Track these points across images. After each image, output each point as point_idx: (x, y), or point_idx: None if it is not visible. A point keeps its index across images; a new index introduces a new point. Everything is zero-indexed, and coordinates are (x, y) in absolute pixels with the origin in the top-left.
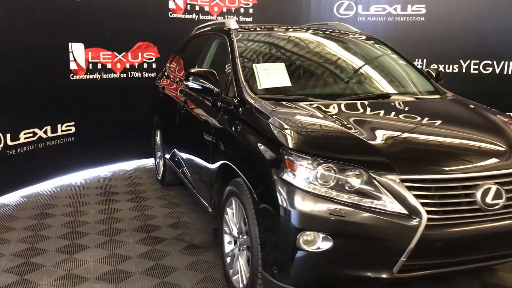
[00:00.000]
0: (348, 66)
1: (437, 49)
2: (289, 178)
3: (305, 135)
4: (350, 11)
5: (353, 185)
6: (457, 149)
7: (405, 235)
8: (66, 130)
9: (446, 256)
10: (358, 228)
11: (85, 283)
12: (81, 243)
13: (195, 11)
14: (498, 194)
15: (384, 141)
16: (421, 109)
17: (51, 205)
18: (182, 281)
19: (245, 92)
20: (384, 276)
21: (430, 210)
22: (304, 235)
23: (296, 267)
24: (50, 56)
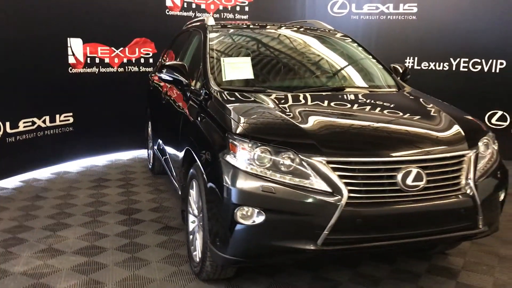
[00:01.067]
0: (312, 61)
1: (428, 47)
2: (231, 159)
3: (248, 121)
4: (343, 9)
5: (286, 166)
6: (385, 135)
7: (328, 211)
8: (65, 120)
9: (367, 232)
10: (287, 203)
11: (62, 256)
12: (66, 222)
13: (191, 9)
14: (419, 177)
15: (317, 127)
16: (368, 100)
17: (45, 189)
18: (150, 256)
19: (210, 83)
20: (310, 247)
21: (352, 189)
22: (241, 210)
23: (235, 239)
24: (50, 50)
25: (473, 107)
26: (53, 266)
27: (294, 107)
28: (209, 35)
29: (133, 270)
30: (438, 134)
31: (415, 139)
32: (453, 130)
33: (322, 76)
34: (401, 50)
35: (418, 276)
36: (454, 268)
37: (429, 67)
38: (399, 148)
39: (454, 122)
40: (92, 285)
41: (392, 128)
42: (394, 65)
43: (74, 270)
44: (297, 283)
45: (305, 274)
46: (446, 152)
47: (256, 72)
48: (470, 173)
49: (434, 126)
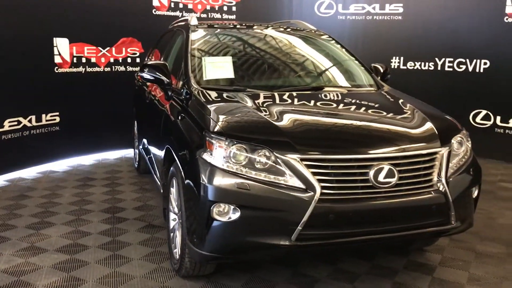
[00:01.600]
0: (293, 60)
1: (413, 47)
2: (207, 157)
3: (225, 120)
4: (330, 9)
5: (262, 163)
6: (359, 132)
7: (301, 207)
8: (51, 120)
9: (340, 228)
10: (261, 200)
11: (44, 254)
12: (49, 221)
13: (179, 9)
14: (391, 173)
15: (293, 125)
16: (345, 99)
17: (31, 188)
18: (132, 254)
19: (190, 82)
20: (284, 243)
21: (325, 186)
22: (217, 207)
23: (212, 236)
24: (36, 50)
25: (458, 106)
26: (34, 264)
27: (271, 106)
28: (191, 35)
29: (114, 267)
30: (411, 131)
31: (388, 136)
32: (426, 128)
33: (302, 75)
34: (387, 50)
35: (396, 272)
36: (431, 264)
37: (414, 66)
38: (372, 146)
39: (428, 120)
40: (72, 282)
41: (366, 126)
42: (374, 64)
43: (55, 268)
44: (275, 279)
45: (284, 270)
46: (418, 149)
47: (237, 71)
48: (442, 170)
49: (407, 124)
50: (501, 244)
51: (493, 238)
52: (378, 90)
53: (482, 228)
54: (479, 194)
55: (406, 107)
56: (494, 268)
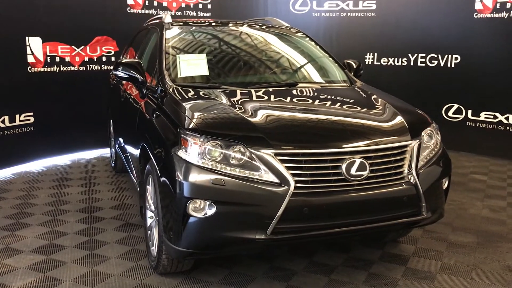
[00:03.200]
0: (267, 57)
1: (387, 43)
2: (183, 154)
3: (200, 117)
4: (305, 7)
5: (237, 159)
6: (331, 127)
7: (276, 201)
8: (25, 120)
9: (314, 220)
10: (236, 195)
11: (19, 255)
12: (25, 222)
13: (153, 7)
14: (362, 166)
15: (267, 121)
16: (318, 94)
17: (5, 190)
18: (109, 253)
19: (165, 80)
20: (260, 237)
21: (299, 180)
22: (193, 203)
23: (188, 232)
24: (7, 49)
25: (431, 100)
26: (9, 265)
27: (245, 102)
28: (165, 33)
29: (92, 266)
30: (382, 125)
31: (360, 130)
32: (397, 122)
33: (276, 72)
34: (361, 46)
35: (371, 264)
36: (404, 254)
37: (388, 62)
38: (344, 139)
39: (399, 114)
40: (49, 282)
41: (338, 120)
42: (347, 60)
43: (31, 269)
44: (253, 274)
45: (262, 264)
46: (389, 142)
47: (212, 68)
48: (412, 163)
49: (379, 118)
50: (472, 234)
51: (464, 228)
52: (351, 85)
53: (454, 218)
54: (449, 185)
55: (377, 102)
56: (465, 257)
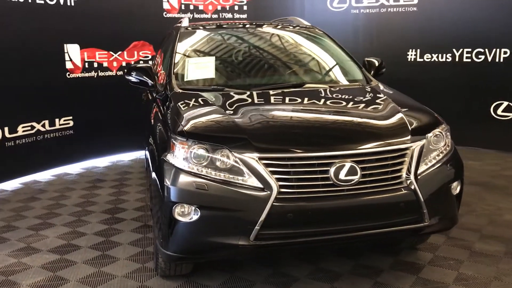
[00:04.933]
0: (278, 58)
1: (430, 39)
2: (171, 158)
3: (189, 121)
4: (343, 4)
5: (223, 163)
6: (322, 130)
7: (258, 206)
8: (64, 124)
9: (300, 227)
10: (219, 200)
11: (36, 254)
12: (51, 222)
13: (189, 10)
14: (353, 171)
15: (256, 125)
16: (320, 96)
17: (42, 191)
18: (120, 254)
19: (171, 83)
20: (243, 243)
21: (283, 184)
22: (179, 207)
23: (175, 236)
24: (46, 56)
25: (478, 98)
26: (25, 264)
27: (242, 105)
28: (179, 36)
29: (100, 267)
30: (379, 127)
31: (353, 133)
32: (398, 123)
33: (284, 73)
34: (403, 43)
35: (380, 272)
36: (419, 263)
37: (431, 59)
38: (333, 143)
39: (402, 115)
40: (55, 281)
41: (331, 123)
42: (368, 59)
43: (43, 268)
44: (254, 279)
45: (264, 269)
46: (384, 146)
47: (219, 71)
48: (411, 167)
49: (378, 119)
50: (501, 242)
51: (495, 236)
52: (364, 85)
53: (486, 225)
54: (462, 190)
55: (383, 102)
56: (487, 268)
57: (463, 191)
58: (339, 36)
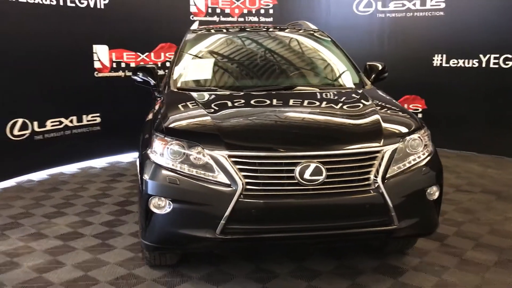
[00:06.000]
0: (275, 61)
1: (456, 44)
2: (150, 154)
3: (169, 119)
4: (369, 8)
5: (197, 159)
6: (293, 131)
7: (224, 201)
8: (92, 120)
9: (264, 223)
10: (189, 194)
11: (43, 239)
12: (64, 211)
13: (216, 14)
14: (318, 171)
15: (230, 124)
16: (304, 98)
17: (65, 182)
18: (118, 243)
19: (169, 84)
20: (210, 236)
21: (249, 181)
22: (154, 200)
23: (151, 227)
24: (76, 56)
25: (506, 105)
26: (31, 247)
27: (224, 106)
28: (185, 39)
29: (96, 254)
30: (350, 131)
31: (321, 136)
32: (371, 128)
33: (279, 76)
34: (428, 48)
35: (360, 273)
36: (403, 267)
37: (458, 64)
38: (301, 144)
39: (379, 120)
40: (53, 264)
41: (303, 125)
42: (370, 63)
43: (46, 252)
44: (236, 273)
45: (248, 265)
46: (351, 148)
47: (216, 73)
48: (380, 169)
49: (351, 124)
50: (495, 252)
51: (490, 245)
52: (354, 89)
53: (485, 233)
54: (441, 196)
55: (365, 107)
56: (471, 276)
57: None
58: (364, 40)
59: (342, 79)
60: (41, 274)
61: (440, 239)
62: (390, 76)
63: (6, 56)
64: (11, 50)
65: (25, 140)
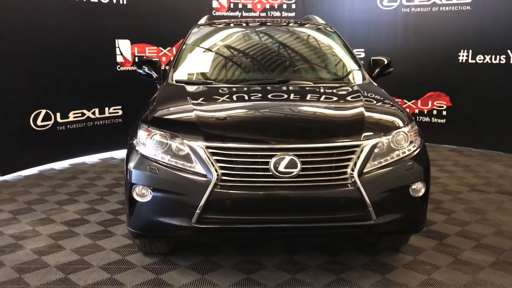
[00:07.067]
0: (273, 55)
1: (483, 39)
2: (135, 144)
3: (155, 110)
4: (393, 2)
5: (177, 150)
6: (270, 124)
7: (199, 191)
8: (114, 113)
9: (239, 214)
10: (167, 183)
11: (50, 224)
12: (76, 199)
13: (238, 9)
14: (292, 164)
15: (211, 117)
16: (293, 92)
17: (84, 171)
18: (118, 231)
19: (169, 76)
20: (186, 224)
21: (224, 172)
22: (136, 188)
23: (134, 215)
24: (99, 51)
25: None
26: (37, 231)
27: (212, 99)
28: (190, 33)
29: (95, 240)
30: (329, 125)
31: (299, 129)
32: (352, 122)
33: (275, 69)
34: (454, 43)
35: (348, 269)
36: (393, 264)
37: (484, 60)
38: (277, 137)
39: (362, 115)
40: (53, 248)
41: (284, 118)
42: (375, 58)
43: (49, 236)
44: (224, 263)
45: (238, 256)
46: (327, 142)
47: (213, 66)
48: (357, 164)
49: (333, 118)
50: (494, 253)
51: (491, 246)
52: (349, 84)
53: (489, 235)
54: (427, 193)
55: (354, 101)
56: (463, 276)
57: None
58: (389, 36)
59: (340, 73)
60: (40, 257)
61: (440, 238)
62: (414, 72)
63: (33, 50)
64: (37, 44)
65: (48, 131)
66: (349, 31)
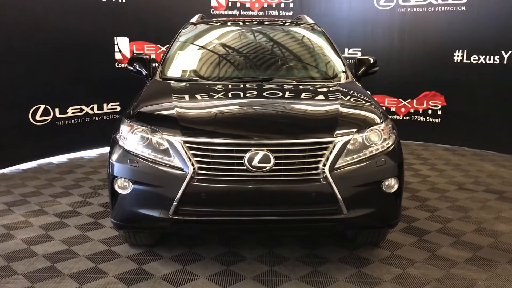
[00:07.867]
0: (258, 54)
1: (478, 40)
2: (117, 137)
3: (138, 106)
4: (390, 2)
5: (157, 144)
6: (246, 120)
7: (175, 184)
8: (112, 109)
9: (214, 206)
10: (146, 176)
11: (43, 216)
12: (71, 192)
13: (236, 8)
14: (266, 159)
15: (190, 113)
16: (272, 90)
17: (81, 166)
18: (109, 223)
19: (156, 73)
20: (163, 216)
21: (201, 166)
22: (118, 181)
23: (116, 206)
24: (97, 48)
25: None
26: (29, 222)
27: (193, 96)
28: (180, 31)
29: (85, 231)
30: (303, 122)
31: (273, 125)
32: (326, 119)
33: (259, 67)
34: (449, 43)
35: (325, 262)
36: (370, 258)
37: (479, 60)
38: (252, 133)
39: (337, 112)
40: (43, 238)
41: (259, 114)
42: (360, 57)
43: (40, 227)
44: (205, 255)
45: (220, 248)
46: (300, 138)
47: (199, 64)
48: (329, 160)
49: (308, 115)
50: (471, 250)
51: (469, 243)
52: (330, 82)
53: (469, 232)
54: (401, 189)
55: (331, 99)
56: (436, 271)
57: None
58: (385, 35)
59: (323, 72)
60: (29, 246)
61: (421, 234)
62: (409, 72)
63: (33, 46)
64: (37, 41)
65: (47, 126)
66: (346, 30)
